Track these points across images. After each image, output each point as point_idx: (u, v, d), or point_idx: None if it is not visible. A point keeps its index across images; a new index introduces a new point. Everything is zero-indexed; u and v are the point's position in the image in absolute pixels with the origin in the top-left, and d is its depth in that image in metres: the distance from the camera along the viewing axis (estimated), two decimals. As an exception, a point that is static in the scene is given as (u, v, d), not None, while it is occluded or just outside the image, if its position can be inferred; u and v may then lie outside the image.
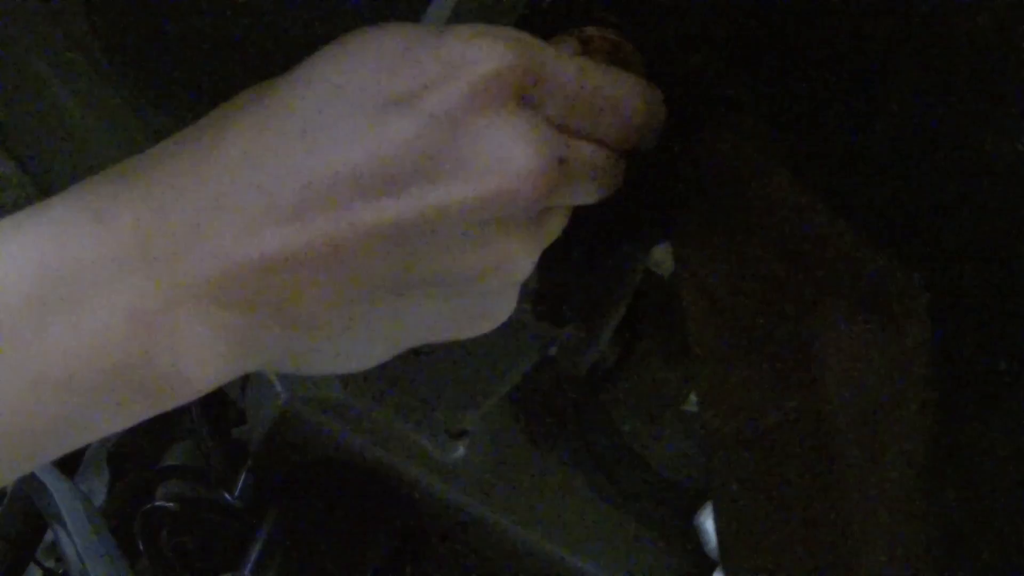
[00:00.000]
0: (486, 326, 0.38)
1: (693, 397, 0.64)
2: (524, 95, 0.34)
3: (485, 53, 0.33)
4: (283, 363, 0.35)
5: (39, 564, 0.87)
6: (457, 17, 0.41)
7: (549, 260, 0.38)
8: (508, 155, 0.33)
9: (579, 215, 0.38)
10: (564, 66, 0.36)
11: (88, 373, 0.30)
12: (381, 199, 0.32)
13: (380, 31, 0.34)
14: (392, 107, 0.32)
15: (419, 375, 0.62)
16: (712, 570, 0.69)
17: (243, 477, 0.72)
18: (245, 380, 0.66)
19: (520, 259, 0.35)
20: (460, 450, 0.66)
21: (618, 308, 0.54)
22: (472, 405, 0.63)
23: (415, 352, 0.60)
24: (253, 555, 0.67)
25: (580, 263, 0.41)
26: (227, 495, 0.73)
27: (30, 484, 0.74)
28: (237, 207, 0.32)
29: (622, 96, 0.37)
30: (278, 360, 0.35)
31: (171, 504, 0.76)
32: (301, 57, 0.35)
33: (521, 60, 0.34)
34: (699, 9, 0.41)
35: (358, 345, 0.36)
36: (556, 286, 0.37)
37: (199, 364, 0.32)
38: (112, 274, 0.31)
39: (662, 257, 0.56)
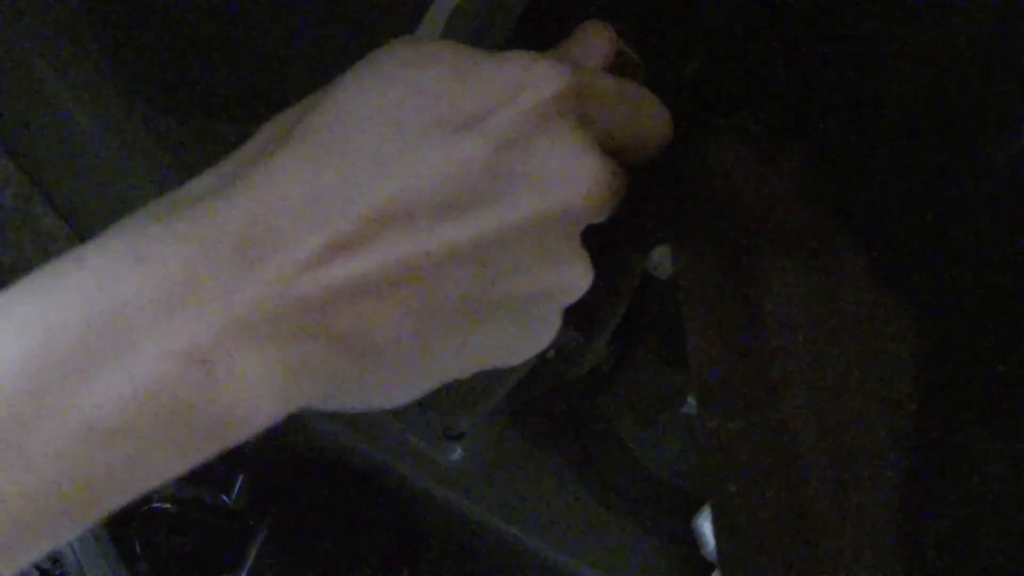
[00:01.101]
0: (533, 351, 0.38)
1: (691, 400, 0.64)
2: (578, 112, 0.35)
3: (544, 75, 0.34)
4: (337, 397, 0.34)
5: (36, 565, 0.86)
6: (453, 23, 0.41)
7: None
8: (576, 169, 0.34)
9: None
10: (608, 85, 0.37)
11: (141, 418, 0.29)
12: (456, 220, 0.32)
13: (425, 54, 0.34)
14: (459, 132, 0.33)
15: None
16: (709, 573, 0.69)
17: (240, 479, 0.72)
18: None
19: (582, 279, 0.36)
20: (457, 452, 0.66)
21: (616, 311, 0.54)
22: (469, 407, 0.63)
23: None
24: (250, 557, 0.67)
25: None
26: (224, 497, 0.73)
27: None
28: (296, 238, 0.31)
29: (648, 113, 0.38)
30: (333, 392, 0.33)
31: (168, 506, 0.76)
32: (302, 59, 0.35)
33: (577, 79, 0.35)
34: (698, 13, 0.41)
35: (417, 376, 0.35)
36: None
37: (257, 400, 0.31)
38: (162, 314, 0.29)
39: (660, 260, 0.56)
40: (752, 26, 0.40)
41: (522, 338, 0.37)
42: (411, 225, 0.32)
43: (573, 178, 0.34)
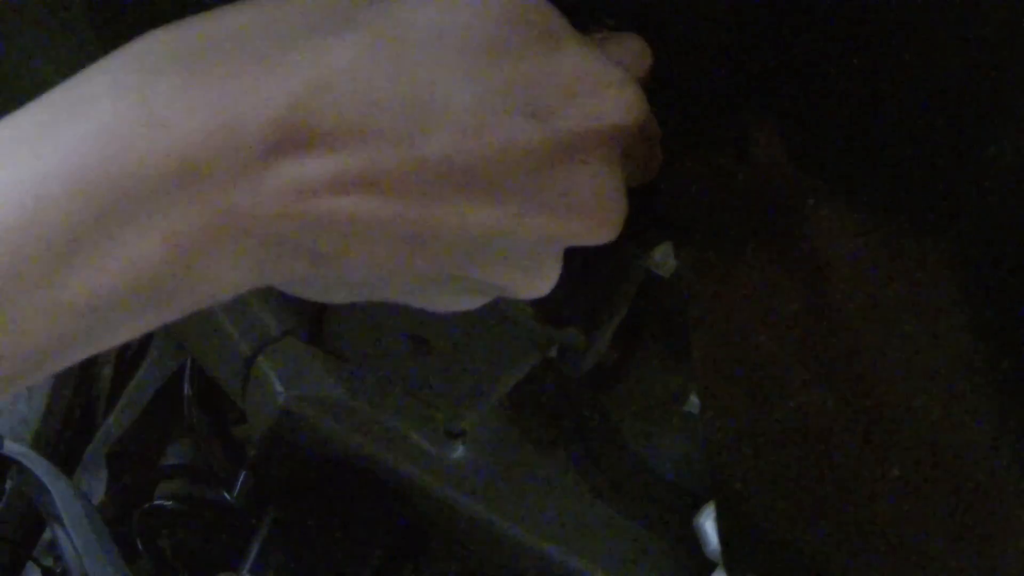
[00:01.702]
0: (452, 309, 0.38)
1: (694, 398, 0.64)
2: (624, 147, 0.35)
3: (628, 104, 0.34)
4: (286, 287, 0.34)
5: (37, 563, 0.87)
6: None
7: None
8: (607, 205, 0.34)
9: None
10: (656, 133, 0.37)
11: (110, 299, 0.28)
12: (482, 202, 0.31)
13: (520, 6, 0.32)
14: (527, 119, 0.32)
15: (419, 375, 0.62)
16: (711, 572, 0.69)
17: (242, 476, 0.72)
18: (246, 380, 0.66)
19: (543, 289, 0.36)
20: (459, 450, 0.66)
21: (619, 309, 0.54)
22: (472, 406, 0.63)
23: (415, 352, 0.61)
24: (252, 555, 0.67)
25: (580, 264, 0.41)
26: (226, 494, 0.73)
27: (29, 483, 0.74)
28: (332, 149, 0.29)
29: (658, 157, 0.39)
30: (285, 284, 0.33)
31: (170, 503, 0.76)
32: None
33: (646, 119, 0.35)
34: (699, 14, 0.41)
35: (364, 292, 0.35)
36: (556, 287, 0.37)
37: (220, 285, 0.30)
38: (164, 192, 0.27)
39: (663, 258, 0.56)
40: (750, 25, 0.40)
41: (452, 301, 0.37)
42: (444, 189, 0.30)
43: (601, 214, 0.34)
